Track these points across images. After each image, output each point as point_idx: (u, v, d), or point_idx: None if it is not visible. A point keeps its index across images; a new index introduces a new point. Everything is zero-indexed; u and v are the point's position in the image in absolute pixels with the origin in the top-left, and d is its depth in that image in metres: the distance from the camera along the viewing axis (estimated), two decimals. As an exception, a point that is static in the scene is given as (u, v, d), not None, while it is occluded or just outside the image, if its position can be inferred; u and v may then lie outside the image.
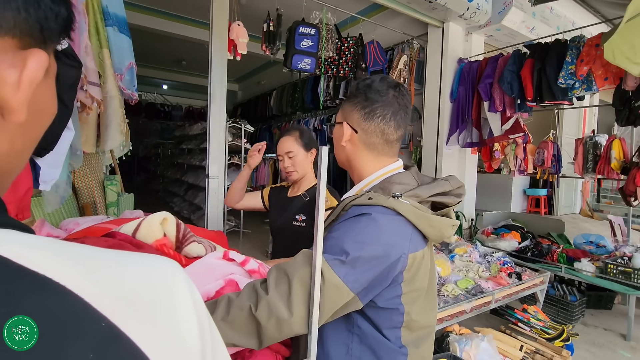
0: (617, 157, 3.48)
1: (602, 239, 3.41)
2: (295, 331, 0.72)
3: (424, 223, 0.78)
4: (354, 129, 0.86)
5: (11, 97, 0.24)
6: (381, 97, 0.85)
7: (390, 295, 0.78)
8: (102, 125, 1.78)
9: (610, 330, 2.93)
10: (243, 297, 0.72)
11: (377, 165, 0.88)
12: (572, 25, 4.20)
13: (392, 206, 0.76)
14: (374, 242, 0.73)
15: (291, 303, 0.70)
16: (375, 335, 0.79)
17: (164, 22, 5.05)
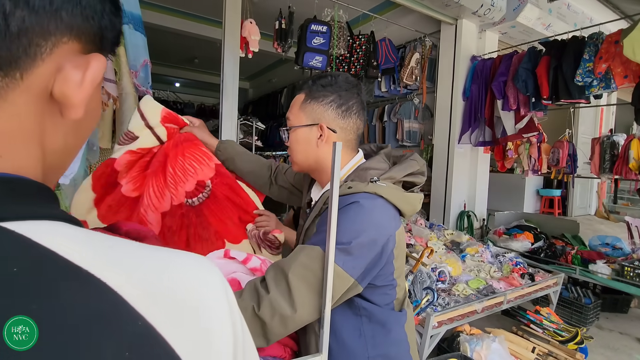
0: (635, 157, 3.39)
1: (618, 241, 3.33)
2: (302, 324, 0.75)
3: (402, 202, 0.84)
4: (332, 129, 0.86)
5: (74, 94, 0.27)
6: (352, 95, 0.87)
7: (385, 273, 0.83)
8: (118, 122, 1.81)
9: (626, 334, 2.86)
10: (245, 298, 0.73)
11: (346, 160, 0.90)
12: (590, 22, 4.10)
13: (373, 190, 0.80)
14: (366, 227, 0.77)
15: (293, 299, 0.71)
16: (380, 310, 0.85)
17: (177, 21, 5.11)
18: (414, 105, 4.59)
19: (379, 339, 0.85)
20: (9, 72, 0.23)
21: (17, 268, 0.20)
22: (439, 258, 2.51)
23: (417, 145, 4.73)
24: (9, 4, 0.22)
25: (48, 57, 0.25)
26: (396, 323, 0.87)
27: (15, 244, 0.21)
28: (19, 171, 0.25)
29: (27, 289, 0.20)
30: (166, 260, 0.26)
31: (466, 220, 4.03)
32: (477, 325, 2.22)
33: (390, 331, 0.85)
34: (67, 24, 0.26)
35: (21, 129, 0.25)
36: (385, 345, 0.85)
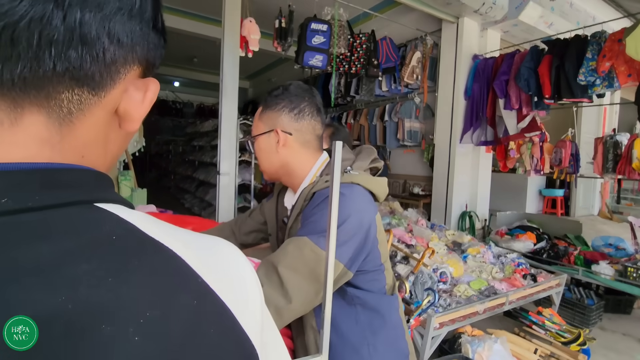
0: (638, 156, 3.36)
1: (621, 242, 3.31)
2: (297, 314, 0.77)
3: (376, 186, 0.90)
4: (287, 132, 0.90)
5: (135, 111, 0.34)
6: (303, 98, 0.91)
7: (373, 258, 0.87)
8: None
9: (629, 336, 2.84)
10: None
11: (313, 161, 0.94)
12: (592, 20, 4.07)
13: (349, 180, 0.85)
14: (349, 213, 0.80)
15: (286, 290, 0.73)
16: (373, 296, 0.88)
17: (176, 19, 5.09)
18: (415, 104, 4.57)
19: (377, 324, 0.87)
20: (98, 92, 0.30)
21: (115, 236, 0.27)
22: (440, 259, 2.49)
23: (418, 145, 4.71)
24: (107, 41, 0.29)
25: (122, 81, 0.32)
26: (390, 307, 0.92)
27: (110, 219, 0.29)
28: (95, 167, 0.32)
29: (125, 251, 0.27)
30: (212, 240, 0.35)
31: (468, 220, 4.01)
32: (478, 326, 2.19)
33: (385, 316, 0.89)
34: (139, 56, 0.33)
35: (97, 136, 0.32)
36: (384, 330, 0.88)
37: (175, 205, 7.01)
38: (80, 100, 0.30)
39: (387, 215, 3.18)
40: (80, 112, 0.30)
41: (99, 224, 0.28)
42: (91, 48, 0.28)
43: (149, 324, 0.25)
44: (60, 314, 0.22)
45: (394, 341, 0.91)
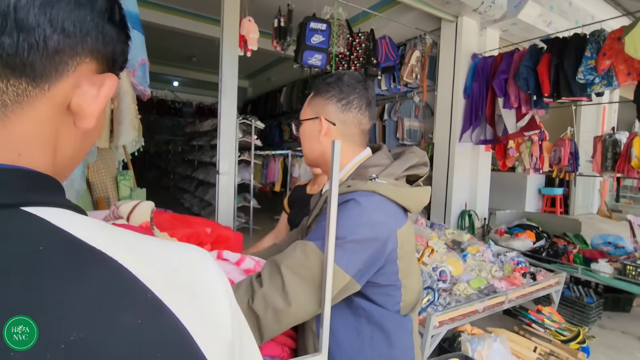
0: (638, 155, 3.37)
1: (620, 240, 3.31)
2: (296, 320, 0.73)
3: (404, 197, 0.82)
4: (331, 121, 0.87)
5: (89, 107, 0.31)
6: (354, 90, 0.88)
7: (388, 272, 0.81)
8: (116, 121, 1.79)
9: (629, 334, 2.85)
10: (241, 292, 0.73)
11: (352, 155, 0.90)
12: (591, 19, 4.07)
13: (370, 189, 0.79)
14: (362, 224, 0.76)
15: (287, 293, 0.71)
16: (380, 311, 0.82)
17: (174, 19, 5.08)
18: (414, 103, 4.57)
19: (378, 341, 0.83)
20: (40, 84, 0.28)
21: (42, 246, 0.24)
22: (440, 257, 2.49)
23: (418, 144, 4.70)
24: (49, 29, 0.27)
25: (72, 73, 0.30)
26: (398, 327, 0.84)
27: (39, 226, 0.26)
28: (34, 168, 0.29)
29: (52, 264, 0.24)
30: (169, 245, 0.31)
31: (467, 219, 4.02)
32: (478, 325, 2.20)
33: (390, 335, 0.83)
34: (91, 47, 0.31)
35: (40, 132, 0.30)
36: (386, 349, 0.83)
37: (175, 205, 7.01)
38: (17, 92, 0.27)
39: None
40: (18, 105, 0.28)
41: (20, 233, 0.24)
42: (29, 35, 0.26)
43: (72, 348, 0.21)
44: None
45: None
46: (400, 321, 0.85)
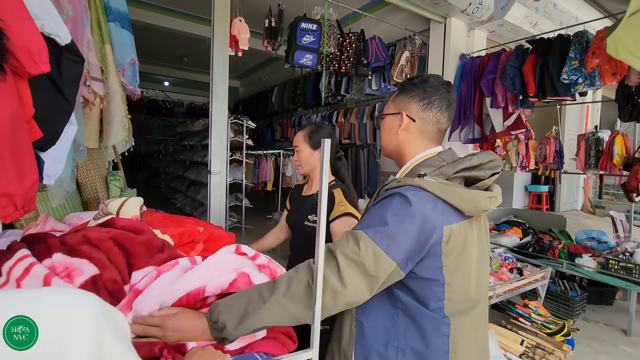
0: (619, 153, 3.47)
1: (603, 235, 3.41)
2: (349, 303, 0.79)
3: (453, 196, 0.83)
4: (412, 118, 0.94)
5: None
6: (437, 91, 0.94)
7: (430, 265, 0.82)
8: (105, 121, 1.78)
9: (611, 326, 2.94)
10: (300, 273, 0.79)
11: (421, 150, 0.95)
12: (575, 21, 4.17)
13: (417, 184, 0.83)
14: (408, 214, 0.79)
15: (342, 276, 0.76)
16: (418, 307, 0.84)
17: (165, 18, 5.05)
18: (404, 103, 4.62)
19: (412, 335, 0.85)
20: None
21: None
22: (430, 254, 2.54)
23: (408, 143, 4.76)
24: None
25: None
26: (433, 327, 0.84)
27: None
28: None
29: None
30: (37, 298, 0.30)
31: (456, 216, 4.08)
32: (467, 319, 2.24)
33: (425, 334, 0.84)
34: None
35: None
36: (418, 344, 0.85)
37: (167, 205, 6.96)
38: None
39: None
40: None
41: None
42: None
43: None
44: None
45: (426, 357, 0.84)
46: (437, 322, 0.84)
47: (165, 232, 1.11)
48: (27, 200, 0.80)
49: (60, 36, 0.95)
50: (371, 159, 5.40)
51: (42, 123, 0.92)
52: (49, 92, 0.96)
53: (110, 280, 0.78)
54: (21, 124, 0.79)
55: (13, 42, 0.73)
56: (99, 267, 0.79)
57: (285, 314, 0.75)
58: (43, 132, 0.92)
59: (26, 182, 0.80)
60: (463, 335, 0.86)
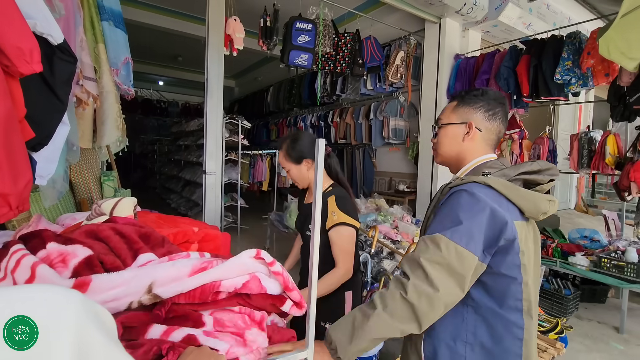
0: (611, 152, 3.50)
1: (596, 234, 3.45)
2: (446, 304, 0.81)
3: (514, 195, 0.87)
4: (479, 128, 1.00)
5: None
6: (500, 104, 1.01)
7: (510, 262, 0.85)
8: (99, 121, 1.77)
9: (604, 323, 2.97)
10: (392, 288, 0.83)
11: (479, 154, 1.01)
12: (568, 22, 4.21)
13: (482, 181, 0.87)
14: (478, 209, 0.83)
15: (432, 281, 0.80)
16: (489, 305, 0.87)
17: (159, 18, 5.02)
18: (399, 103, 4.64)
19: (481, 333, 0.87)
20: None
21: None
22: (425, 253, 2.55)
23: (403, 143, 4.78)
24: None
25: None
26: (502, 326, 0.85)
27: None
28: None
29: None
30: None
31: (451, 216, 4.10)
32: (462, 318, 2.26)
33: (494, 332, 0.86)
34: None
35: None
36: (487, 341, 0.87)
37: (162, 206, 6.92)
38: None
39: (373, 212, 3.23)
40: None
41: None
42: None
43: None
44: None
45: (494, 354, 0.86)
46: (509, 323, 0.86)
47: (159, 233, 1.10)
48: (21, 200, 0.79)
49: (52, 35, 0.94)
50: (367, 158, 5.41)
51: (34, 123, 0.91)
52: (41, 92, 0.95)
53: (108, 260, 0.78)
54: (14, 123, 0.78)
55: (4, 42, 0.73)
56: (92, 249, 0.79)
57: (388, 327, 0.81)
58: (35, 132, 0.91)
59: (20, 182, 0.80)
60: (533, 339, 0.89)
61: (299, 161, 1.46)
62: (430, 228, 0.88)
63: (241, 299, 0.78)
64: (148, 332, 0.67)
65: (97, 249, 0.81)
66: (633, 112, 2.94)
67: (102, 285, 0.68)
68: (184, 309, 0.73)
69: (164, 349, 0.60)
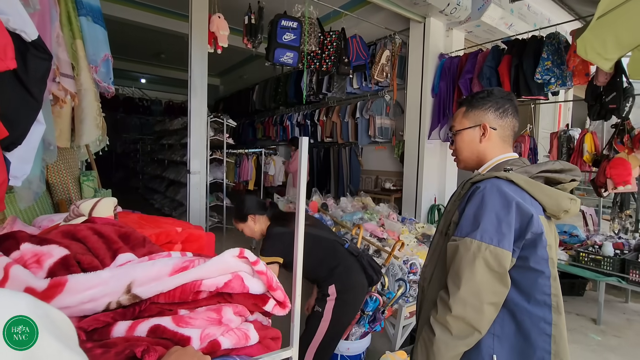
0: (589, 150, 3.62)
1: (574, 229, 3.56)
2: (495, 302, 0.84)
3: (536, 190, 0.89)
4: (493, 127, 1.02)
5: None
6: (508, 100, 1.03)
7: (539, 256, 0.86)
8: (77, 119, 1.72)
9: (582, 316, 3.07)
10: (440, 309, 0.87)
11: (500, 153, 1.03)
12: (547, 23, 4.32)
13: (504, 176, 0.89)
14: (504, 205, 0.85)
15: (472, 288, 0.83)
16: (516, 299, 0.87)
17: (141, 14, 4.90)
18: (385, 101, 4.67)
19: (508, 328, 0.88)
20: None
21: None
22: (411, 250, 2.58)
23: (389, 141, 4.82)
24: None
25: None
26: (531, 322, 0.86)
27: None
28: None
29: None
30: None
31: (437, 213, 4.17)
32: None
33: (521, 327, 0.87)
34: None
35: None
36: (514, 337, 0.87)
37: (145, 206, 6.78)
38: None
39: (359, 211, 3.24)
40: None
41: None
42: None
43: None
44: None
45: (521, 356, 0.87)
46: (537, 319, 0.86)
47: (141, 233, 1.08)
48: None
49: (26, 32, 0.91)
50: (353, 157, 5.44)
51: (8, 121, 0.88)
52: (14, 90, 0.92)
53: (86, 259, 0.76)
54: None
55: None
56: (69, 249, 0.77)
57: (453, 347, 0.84)
58: (8, 130, 0.88)
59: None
60: (563, 337, 0.89)
61: (245, 219, 1.74)
62: (459, 229, 0.90)
63: (222, 298, 0.77)
64: (113, 331, 0.66)
65: (74, 249, 0.78)
66: (609, 111, 3.04)
67: (78, 285, 0.66)
68: (161, 307, 0.72)
69: (138, 352, 0.58)
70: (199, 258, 0.81)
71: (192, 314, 0.72)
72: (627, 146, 3.30)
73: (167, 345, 0.66)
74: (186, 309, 0.74)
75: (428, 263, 1.04)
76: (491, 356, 0.86)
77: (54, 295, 0.63)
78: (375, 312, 1.83)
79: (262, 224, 1.76)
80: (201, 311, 0.73)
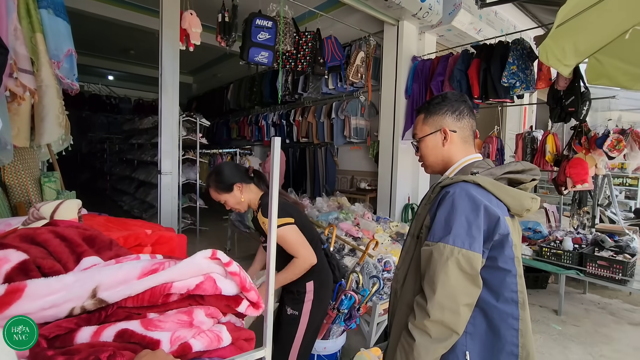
0: (550, 150, 3.83)
1: (538, 225, 3.75)
2: (469, 303, 0.88)
3: (501, 192, 0.93)
4: (452, 130, 1.05)
5: None
6: (462, 102, 1.07)
7: (505, 256, 0.91)
8: (37, 117, 1.63)
9: (545, 307, 3.25)
10: (417, 314, 0.89)
11: (464, 155, 1.06)
12: (514, 29, 4.53)
13: (472, 180, 0.92)
14: (472, 209, 0.88)
15: (447, 291, 0.86)
16: (486, 298, 0.91)
17: (107, 8, 4.69)
18: (360, 102, 4.73)
19: (479, 322, 0.92)
20: None
21: None
22: (385, 249, 2.63)
23: (364, 142, 4.88)
24: None
25: None
26: (500, 318, 0.90)
27: None
28: None
29: None
30: None
31: (410, 212, 4.26)
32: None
33: (493, 323, 0.91)
34: None
35: None
36: (484, 331, 0.92)
37: (112, 208, 6.50)
38: None
39: (334, 210, 3.26)
40: None
41: None
42: None
43: None
44: None
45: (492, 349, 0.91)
46: (505, 315, 0.91)
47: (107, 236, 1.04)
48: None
49: (-23, 22, 0.85)
50: (329, 157, 5.46)
51: (-43, 119, 0.82)
52: (-36, 85, 0.86)
53: (47, 264, 0.72)
54: None
55: None
56: (28, 253, 0.73)
57: (432, 350, 0.87)
58: (-42, 129, 0.82)
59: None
60: (529, 330, 0.94)
61: (230, 189, 1.56)
62: (431, 234, 0.92)
63: (194, 300, 0.75)
64: (77, 337, 0.63)
65: (33, 253, 0.74)
66: (568, 113, 3.23)
67: (38, 291, 0.62)
68: (129, 311, 0.69)
69: (104, 357, 0.56)
70: (169, 260, 0.79)
71: (162, 316, 0.70)
72: (584, 147, 3.52)
73: (136, 350, 0.63)
74: (156, 312, 0.71)
75: (401, 265, 1.06)
76: (464, 353, 0.90)
77: (11, 302, 0.60)
78: (351, 310, 1.85)
79: (251, 193, 1.59)
80: (171, 314, 0.71)
